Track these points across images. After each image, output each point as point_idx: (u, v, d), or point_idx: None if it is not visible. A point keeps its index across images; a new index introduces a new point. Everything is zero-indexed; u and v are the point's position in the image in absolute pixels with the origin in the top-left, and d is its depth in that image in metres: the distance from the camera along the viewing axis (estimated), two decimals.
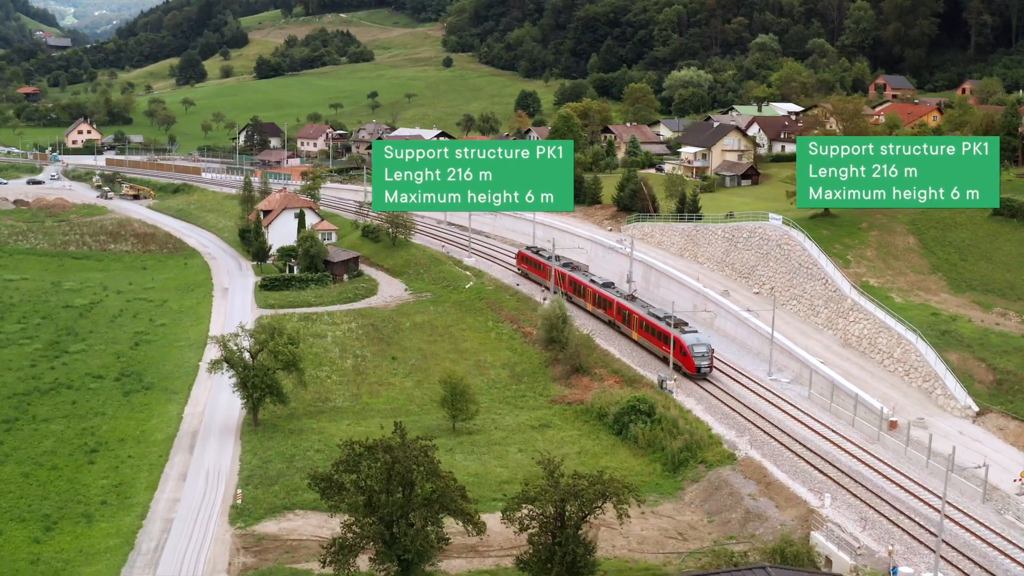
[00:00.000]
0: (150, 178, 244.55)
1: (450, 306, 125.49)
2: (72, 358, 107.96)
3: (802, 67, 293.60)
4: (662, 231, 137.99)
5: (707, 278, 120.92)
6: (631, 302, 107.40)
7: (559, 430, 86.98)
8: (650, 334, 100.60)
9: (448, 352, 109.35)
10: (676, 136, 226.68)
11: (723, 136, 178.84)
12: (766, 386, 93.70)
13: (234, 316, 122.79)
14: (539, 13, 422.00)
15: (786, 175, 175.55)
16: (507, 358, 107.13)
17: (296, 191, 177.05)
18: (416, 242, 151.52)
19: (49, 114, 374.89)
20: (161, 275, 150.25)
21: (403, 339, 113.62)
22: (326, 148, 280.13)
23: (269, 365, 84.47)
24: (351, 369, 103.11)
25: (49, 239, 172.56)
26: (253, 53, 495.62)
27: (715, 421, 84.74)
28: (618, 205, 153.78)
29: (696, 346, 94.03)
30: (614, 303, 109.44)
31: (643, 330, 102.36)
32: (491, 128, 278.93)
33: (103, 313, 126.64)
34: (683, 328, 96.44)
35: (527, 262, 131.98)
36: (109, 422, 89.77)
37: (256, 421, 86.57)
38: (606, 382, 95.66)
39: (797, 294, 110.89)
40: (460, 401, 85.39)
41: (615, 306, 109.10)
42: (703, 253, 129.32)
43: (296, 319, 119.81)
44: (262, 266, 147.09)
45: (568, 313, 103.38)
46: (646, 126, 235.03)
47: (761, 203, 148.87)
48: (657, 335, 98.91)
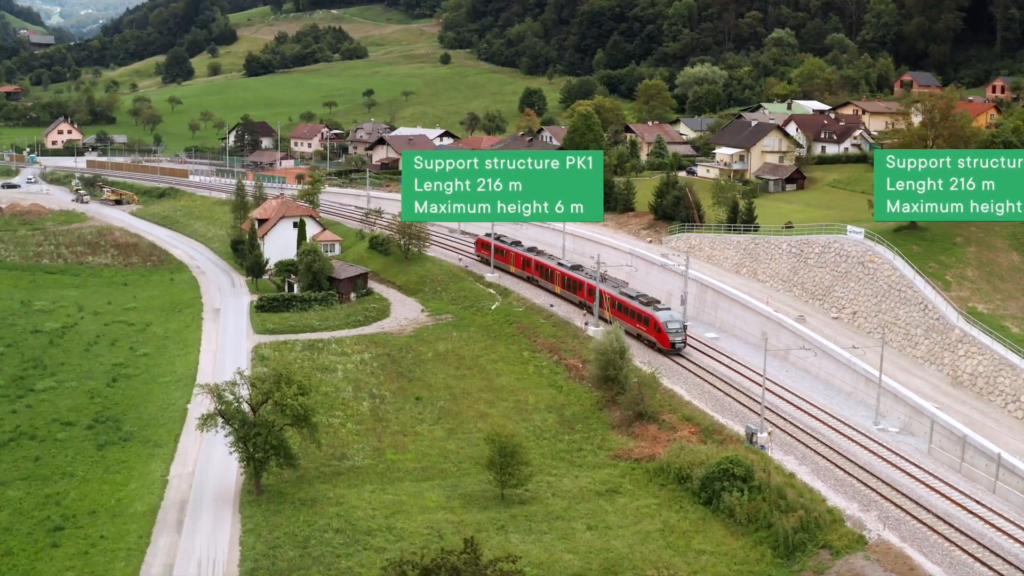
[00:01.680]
0: (134, 181, 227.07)
1: (476, 331, 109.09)
2: (38, 398, 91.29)
3: (824, 63, 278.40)
4: (712, 244, 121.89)
5: (774, 300, 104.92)
6: (602, 283, 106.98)
7: (631, 497, 70.74)
8: (624, 313, 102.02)
9: (481, 390, 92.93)
10: (701, 136, 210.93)
11: (763, 136, 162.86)
12: (873, 437, 77.86)
13: (227, 343, 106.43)
14: (540, 8, 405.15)
15: (832, 179, 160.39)
16: (551, 398, 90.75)
17: (293, 196, 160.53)
18: (430, 255, 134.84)
19: (29, 113, 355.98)
20: (144, 292, 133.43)
21: (426, 373, 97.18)
22: (321, 149, 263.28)
23: (275, 421, 67.96)
24: (369, 414, 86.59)
25: (21, 250, 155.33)
26: (242, 50, 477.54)
27: (828, 489, 68.68)
28: (656, 213, 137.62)
29: (670, 323, 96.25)
30: (584, 285, 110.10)
31: (616, 310, 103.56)
32: (497, 127, 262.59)
33: (77, 340, 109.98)
34: (656, 306, 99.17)
35: (487, 248, 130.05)
36: (79, 486, 73.30)
37: (259, 488, 70.13)
38: (679, 432, 79.48)
39: (887, 321, 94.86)
40: (511, 464, 69.16)
41: (585, 288, 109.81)
42: (764, 270, 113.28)
43: (299, 348, 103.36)
44: (258, 283, 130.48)
45: (626, 345, 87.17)
46: (667, 125, 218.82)
47: (816, 211, 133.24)
48: (632, 314, 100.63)
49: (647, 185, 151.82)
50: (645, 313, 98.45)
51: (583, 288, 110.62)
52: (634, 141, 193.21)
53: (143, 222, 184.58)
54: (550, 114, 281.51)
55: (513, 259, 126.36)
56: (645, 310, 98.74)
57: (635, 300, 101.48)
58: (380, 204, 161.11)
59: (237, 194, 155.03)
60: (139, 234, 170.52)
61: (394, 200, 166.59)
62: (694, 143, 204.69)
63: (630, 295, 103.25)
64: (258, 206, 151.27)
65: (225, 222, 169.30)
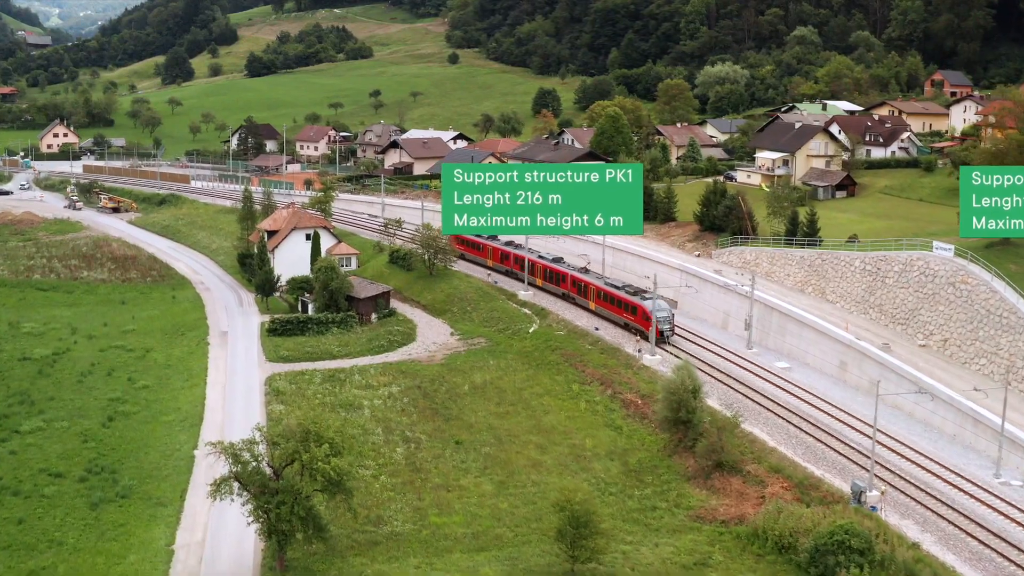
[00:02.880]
0: (132, 187, 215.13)
1: (514, 359, 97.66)
2: (24, 443, 79.89)
3: (850, 62, 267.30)
4: (771, 259, 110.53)
5: (851, 323, 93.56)
6: (584, 274, 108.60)
7: (725, 572, 59.44)
8: (611, 304, 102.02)
9: (528, 431, 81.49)
10: (731, 138, 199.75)
11: (808, 139, 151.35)
12: (998, 493, 66.52)
13: (237, 374, 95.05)
14: (550, 6, 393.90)
15: (883, 185, 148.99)
16: (611, 441, 79.34)
17: (303, 204, 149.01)
18: (457, 270, 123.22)
19: (24, 116, 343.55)
20: (144, 312, 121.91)
21: (464, 410, 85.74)
22: (329, 152, 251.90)
23: (302, 487, 56.47)
24: (404, 462, 75.12)
25: (11, 264, 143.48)
26: (243, 50, 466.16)
27: (963, 564, 57.59)
28: (701, 223, 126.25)
29: (659, 312, 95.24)
30: (568, 276, 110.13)
31: (603, 300, 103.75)
32: (512, 129, 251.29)
33: (70, 369, 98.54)
34: (643, 296, 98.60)
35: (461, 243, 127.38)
36: (69, 558, 62.02)
37: (282, 564, 58.75)
38: (769, 487, 68.13)
39: (986, 351, 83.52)
40: (584, 535, 57.77)
41: (569, 279, 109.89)
42: (834, 289, 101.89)
43: (318, 380, 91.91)
44: (268, 301, 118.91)
45: (699, 383, 75.78)
46: (696, 127, 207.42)
47: (876, 222, 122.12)
48: (619, 304, 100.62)
49: (683, 192, 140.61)
50: (632, 303, 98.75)
51: (567, 280, 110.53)
52: (665, 144, 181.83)
53: (142, 232, 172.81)
54: (566, 115, 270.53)
55: (491, 253, 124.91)
56: (633, 300, 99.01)
57: (622, 290, 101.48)
58: (398, 213, 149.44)
59: (244, 203, 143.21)
60: (138, 245, 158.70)
61: (412, 208, 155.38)
62: (725, 146, 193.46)
63: (616, 285, 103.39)
64: (267, 215, 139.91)
65: (230, 232, 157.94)
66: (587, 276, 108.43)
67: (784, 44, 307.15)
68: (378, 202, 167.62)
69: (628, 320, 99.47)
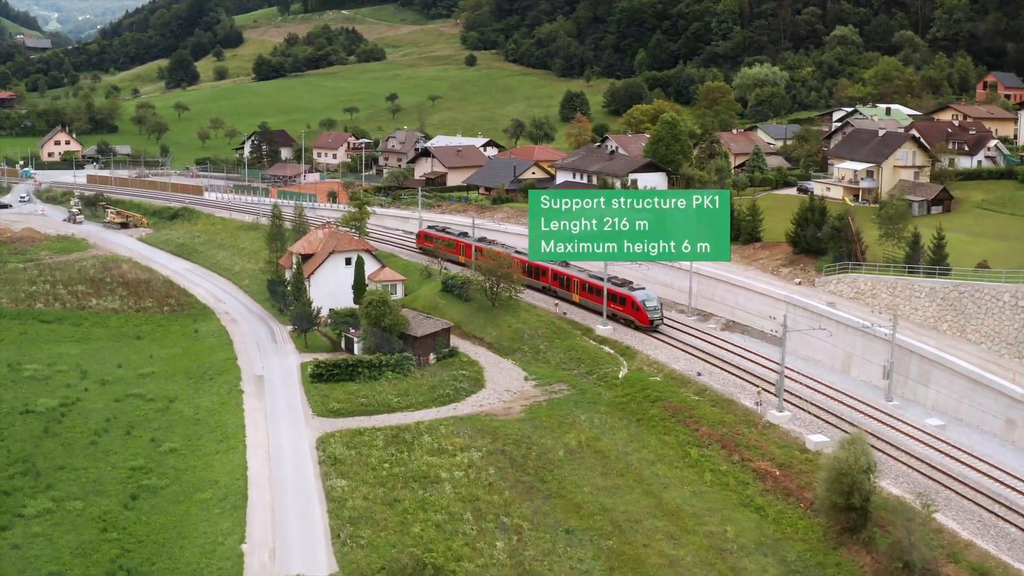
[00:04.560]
0: (141, 199, 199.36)
1: (607, 412, 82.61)
2: (29, 532, 64.83)
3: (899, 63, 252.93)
4: (892, 289, 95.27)
5: (1005, 369, 78.43)
6: (566, 268, 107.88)
7: None
8: (598, 296, 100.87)
9: (650, 514, 66.27)
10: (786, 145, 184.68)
11: (895, 148, 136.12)
12: None
13: (281, 433, 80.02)
14: (571, 6, 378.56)
15: (978, 199, 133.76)
16: (755, 527, 64.17)
17: (336, 222, 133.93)
18: (521, 299, 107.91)
19: (23, 122, 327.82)
20: (163, 350, 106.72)
21: (564, 484, 70.58)
22: (348, 160, 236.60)
23: None
24: (508, 562, 59.92)
25: (11, 290, 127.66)
26: (249, 53, 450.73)
27: None
28: (795, 245, 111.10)
29: (648, 301, 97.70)
30: (549, 271, 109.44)
31: (588, 292, 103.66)
32: (545, 135, 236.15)
33: (81, 426, 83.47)
34: (631, 286, 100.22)
35: (431, 240, 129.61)
36: None
37: None
38: None
39: None
40: None
41: (550, 273, 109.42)
42: (976, 327, 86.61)
43: (380, 442, 76.76)
44: (307, 337, 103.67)
45: (873, 461, 60.69)
46: (752, 133, 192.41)
47: (993, 243, 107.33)
48: (608, 295, 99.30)
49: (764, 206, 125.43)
50: (621, 294, 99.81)
51: (547, 274, 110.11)
52: (724, 153, 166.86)
53: (155, 251, 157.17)
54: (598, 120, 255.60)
55: (462, 249, 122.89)
56: (621, 291, 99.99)
57: (608, 282, 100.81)
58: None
59: (273, 221, 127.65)
60: (151, 267, 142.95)
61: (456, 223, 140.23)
62: (786, 153, 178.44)
63: (600, 277, 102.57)
64: (298, 234, 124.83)
65: (253, 252, 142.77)
66: (568, 269, 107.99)
67: (823, 44, 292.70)
68: (413, 217, 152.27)
69: (617, 311, 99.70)
